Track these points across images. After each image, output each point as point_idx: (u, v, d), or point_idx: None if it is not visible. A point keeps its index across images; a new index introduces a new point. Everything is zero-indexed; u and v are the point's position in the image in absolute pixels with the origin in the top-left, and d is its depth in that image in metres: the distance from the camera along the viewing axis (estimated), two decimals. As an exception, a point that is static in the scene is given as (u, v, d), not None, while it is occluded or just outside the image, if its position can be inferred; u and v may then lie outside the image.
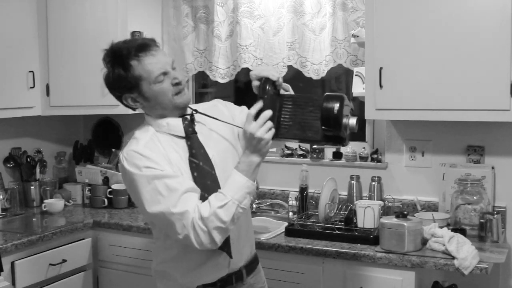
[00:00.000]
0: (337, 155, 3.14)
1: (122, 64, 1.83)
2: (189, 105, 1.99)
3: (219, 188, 1.85)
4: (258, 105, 1.78)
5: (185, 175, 1.87)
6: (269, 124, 1.76)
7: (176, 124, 1.92)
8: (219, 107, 2.11)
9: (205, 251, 1.86)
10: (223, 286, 1.97)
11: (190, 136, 1.92)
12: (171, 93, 1.87)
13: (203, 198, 1.83)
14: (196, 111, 1.97)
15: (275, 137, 1.80)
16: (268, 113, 1.76)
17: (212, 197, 1.79)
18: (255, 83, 1.83)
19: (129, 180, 1.84)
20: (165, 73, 1.85)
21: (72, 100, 3.38)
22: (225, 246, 1.90)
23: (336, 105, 1.76)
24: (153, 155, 1.82)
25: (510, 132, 2.80)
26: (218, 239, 1.77)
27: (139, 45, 1.85)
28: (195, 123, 1.96)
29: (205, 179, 1.88)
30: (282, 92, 1.87)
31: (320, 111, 1.77)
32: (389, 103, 2.70)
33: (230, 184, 1.79)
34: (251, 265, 2.07)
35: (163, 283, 2.05)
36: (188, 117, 1.95)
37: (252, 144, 1.76)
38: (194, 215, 1.75)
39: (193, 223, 1.75)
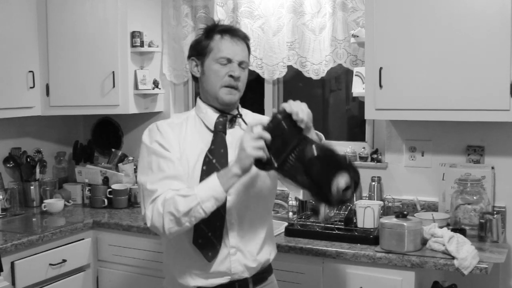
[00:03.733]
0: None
1: (209, 32, 1.99)
2: (240, 108, 2.04)
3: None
4: (261, 125, 1.74)
5: (190, 165, 1.90)
6: (260, 143, 1.71)
7: (212, 116, 1.99)
8: None
9: (201, 258, 1.90)
10: None
11: (217, 132, 1.96)
12: (221, 81, 1.94)
13: None
14: (241, 115, 2.01)
15: (278, 170, 1.75)
16: (263, 133, 1.71)
17: (184, 187, 1.83)
18: (273, 110, 1.79)
19: (140, 146, 1.97)
20: (229, 60, 1.94)
21: (72, 100, 3.38)
22: (211, 250, 1.90)
23: (340, 185, 1.70)
24: (169, 134, 1.92)
25: (510, 132, 2.80)
26: (167, 226, 1.79)
27: (230, 29, 2.01)
28: (234, 125, 2.00)
29: None
30: (313, 137, 1.79)
31: (324, 177, 1.71)
32: (389, 103, 2.70)
33: (204, 182, 1.81)
34: (260, 275, 2.03)
35: (167, 280, 2.07)
36: (228, 116, 1.99)
37: (238, 152, 1.76)
38: (159, 197, 1.81)
39: (154, 202, 1.82)
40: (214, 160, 1.91)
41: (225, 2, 3.37)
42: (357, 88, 2.99)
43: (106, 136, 3.91)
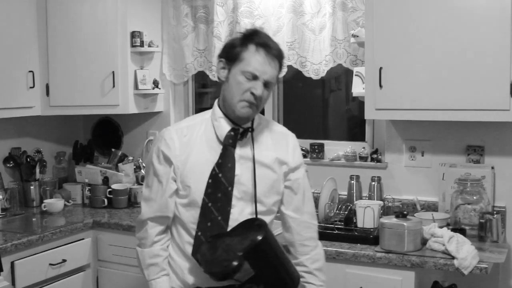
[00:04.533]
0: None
1: (244, 39, 1.92)
2: (259, 117, 2.03)
3: (229, 204, 1.90)
4: None
5: (196, 174, 1.92)
6: None
7: (224, 127, 1.95)
8: (288, 143, 2.08)
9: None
10: None
11: (227, 146, 1.94)
12: (241, 96, 1.89)
13: (204, 206, 1.89)
14: (253, 130, 1.97)
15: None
16: None
17: (163, 262, 2.05)
18: None
19: (151, 149, 2.07)
20: (255, 77, 1.88)
21: (72, 100, 3.38)
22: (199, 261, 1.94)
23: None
24: (174, 143, 1.95)
25: (510, 132, 2.80)
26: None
27: (267, 44, 1.91)
28: (243, 138, 1.96)
29: (217, 190, 1.90)
30: None
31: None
32: (389, 103, 2.70)
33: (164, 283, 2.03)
34: None
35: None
36: (240, 129, 1.95)
37: None
38: (151, 232, 2.06)
39: (140, 228, 2.11)
40: (220, 174, 1.91)
41: (225, 2, 3.37)
42: (357, 88, 2.99)
43: (106, 136, 3.91)
